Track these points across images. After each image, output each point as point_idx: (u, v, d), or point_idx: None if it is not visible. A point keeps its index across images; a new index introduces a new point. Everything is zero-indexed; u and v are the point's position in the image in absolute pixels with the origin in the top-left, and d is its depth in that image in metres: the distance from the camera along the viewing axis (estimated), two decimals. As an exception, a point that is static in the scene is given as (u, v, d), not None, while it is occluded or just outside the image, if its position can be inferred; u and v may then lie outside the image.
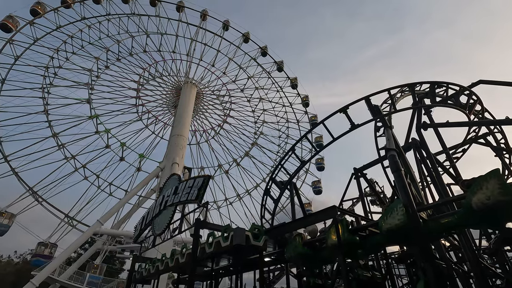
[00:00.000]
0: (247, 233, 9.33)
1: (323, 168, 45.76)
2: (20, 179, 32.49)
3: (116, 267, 43.04)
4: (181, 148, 38.64)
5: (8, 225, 29.03)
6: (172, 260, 12.38)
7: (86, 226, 35.65)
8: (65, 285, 29.29)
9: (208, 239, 10.44)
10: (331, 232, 8.08)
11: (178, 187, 13.55)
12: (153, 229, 14.60)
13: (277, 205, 15.30)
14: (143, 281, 15.90)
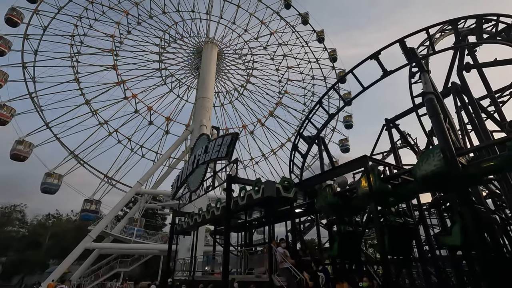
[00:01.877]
0: (278, 186, 9.60)
1: (351, 125, 44.42)
2: (62, 144, 35.34)
3: (159, 223, 47.38)
4: (207, 110, 39.15)
5: (58, 184, 32.51)
6: (208, 213, 13.28)
7: (123, 185, 39.23)
8: (117, 237, 33.05)
9: (240, 193, 10.93)
10: (363, 181, 8.05)
11: (208, 146, 14.00)
12: (188, 186, 15.53)
13: (305, 160, 15.39)
14: (184, 233, 17.43)
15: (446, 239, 7.11)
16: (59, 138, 34.89)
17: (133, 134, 42.33)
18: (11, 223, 46.05)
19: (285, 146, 51.00)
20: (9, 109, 29.46)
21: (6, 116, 28.93)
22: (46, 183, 31.68)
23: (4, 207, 45.58)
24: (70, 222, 46.57)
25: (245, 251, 10.79)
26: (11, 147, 30.32)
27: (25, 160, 30.74)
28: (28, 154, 30.75)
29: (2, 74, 28.55)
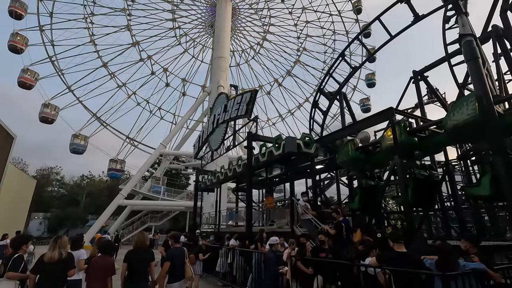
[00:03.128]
0: (298, 141, 9.57)
1: (374, 84, 42.13)
2: (85, 106, 36.67)
3: (183, 182, 49.91)
4: (224, 71, 38.40)
5: (85, 145, 34.50)
6: (230, 171, 13.69)
7: (145, 146, 41.03)
8: (145, 195, 35.44)
9: (260, 150, 11.05)
10: (387, 134, 7.82)
11: (227, 105, 13.95)
12: (210, 145, 15.88)
13: (326, 117, 15.05)
14: (207, 190, 18.29)
15: (473, 190, 6.97)
16: (81, 101, 36.06)
17: (150, 96, 42.99)
18: (50, 184, 50.24)
19: (302, 107, 49.97)
20: (33, 73, 30.33)
21: (30, 80, 29.91)
22: (74, 144, 33.68)
23: (43, 170, 49.48)
24: (102, 182, 50.06)
25: (267, 205, 11.23)
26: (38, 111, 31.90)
27: (52, 122, 32.34)
28: (55, 116, 32.26)
29: (22, 38, 28.91)
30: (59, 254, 4.33)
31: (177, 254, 5.20)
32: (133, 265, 4.73)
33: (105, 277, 4.49)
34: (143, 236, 5.16)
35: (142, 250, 4.89)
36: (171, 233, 6.28)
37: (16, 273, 4.45)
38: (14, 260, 4.52)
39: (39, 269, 4.24)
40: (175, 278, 5.06)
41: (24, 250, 4.72)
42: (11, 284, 4.39)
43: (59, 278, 4.31)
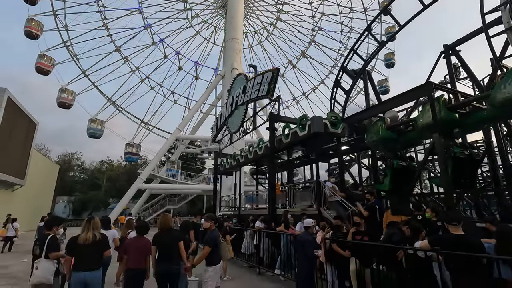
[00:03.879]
0: (325, 121, 9.16)
1: (393, 64, 40.17)
2: (100, 91, 37.03)
3: (199, 166, 50.50)
4: (238, 53, 37.59)
5: (101, 129, 35.16)
6: (250, 153, 13.48)
7: (159, 130, 41.45)
8: (163, 179, 36.12)
9: (283, 131, 10.72)
10: (425, 110, 7.29)
11: (246, 86, 13.54)
12: (228, 128, 15.65)
13: (348, 97, 14.39)
14: (226, 173, 18.29)
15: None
16: (96, 86, 36.38)
17: (163, 80, 42.93)
18: (72, 169, 52.00)
19: (317, 89, 48.74)
20: (49, 59, 30.64)
21: (47, 65, 30.27)
22: (91, 128, 34.39)
23: (64, 155, 51.12)
24: (121, 167, 51.34)
25: (290, 187, 11.02)
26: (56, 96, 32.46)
27: (70, 107, 32.92)
28: (72, 101, 32.80)
29: (37, 23, 29.02)
30: (93, 235, 4.26)
31: (215, 237, 5.03)
32: (162, 247, 4.71)
33: (143, 256, 4.64)
34: (166, 217, 5.06)
35: (168, 232, 4.84)
36: (207, 214, 6.17)
37: (57, 252, 4.46)
38: (50, 240, 4.51)
39: (74, 250, 4.19)
40: (214, 260, 4.91)
41: (55, 231, 4.70)
42: (50, 263, 4.40)
43: (95, 260, 4.26)
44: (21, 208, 24.98)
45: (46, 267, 4.37)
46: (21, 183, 23.02)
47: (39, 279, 4.29)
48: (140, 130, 39.60)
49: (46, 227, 4.75)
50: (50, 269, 4.40)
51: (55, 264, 4.46)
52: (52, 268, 4.40)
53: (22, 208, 25.08)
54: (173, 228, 5.04)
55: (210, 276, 4.82)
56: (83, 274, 4.07)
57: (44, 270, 4.33)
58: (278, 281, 7.69)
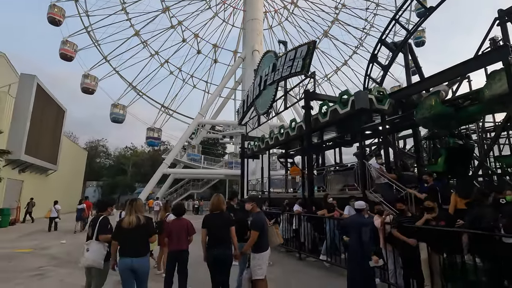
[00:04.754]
0: (370, 96, 8.32)
1: (424, 42, 37.31)
2: (121, 76, 37.41)
3: (220, 151, 50.66)
4: (258, 34, 36.39)
5: (124, 114, 35.75)
6: (282, 135, 12.85)
7: (179, 114, 41.66)
8: (186, 164, 36.46)
9: (320, 109, 9.97)
10: (495, 80, 6.31)
11: (276, 64, 12.77)
12: (256, 109, 15.05)
13: (386, 73, 13.28)
14: (253, 156, 17.83)
15: None
16: (118, 71, 36.70)
17: (182, 64, 42.69)
18: (98, 155, 53.79)
19: (340, 71, 46.70)
20: (72, 45, 31.03)
21: (71, 52, 30.72)
22: (113, 113, 35.04)
23: (91, 142, 52.90)
24: (145, 153, 52.48)
25: (327, 170, 10.38)
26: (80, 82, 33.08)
27: (93, 93, 33.50)
28: (95, 87, 33.35)
29: (60, 9, 29.23)
30: (137, 218, 3.88)
31: (262, 220, 4.58)
32: (213, 230, 4.33)
33: (184, 237, 4.68)
34: (218, 199, 4.64)
35: (219, 214, 4.42)
36: (250, 195, 5.65)
37: (106, 235, 4.14)
38: (101, 221, 4.20)
39: (119, 235, 3.84)
40: (262, 246, 4.44)
41: (109, 212, 4.39)
42: (101, 246, 4.10)
43: (141, 245, 3.90)
44: (55, 192, 26.03)
45: (96, 249, 4.07)
46: (54, 168, 23.84)
47: (89, 262, 4.02)
48: (160, 114, 40.03)
49: (99, 208, 4.47)
50: (101, 252, 4.08)
51: (106, 247, 4.14)
52: (102, 252, 4.09)
53: (55, 191, 26.13)
54: (224, 210, 4.62)
55: (258, 264, 4.36)
56: (130, 260, 3.72)
57: (95, 253, 4.04)
58: (322, 267, 7.23)
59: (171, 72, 42.00)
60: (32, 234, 13.57)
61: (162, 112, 40.19)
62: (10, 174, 18.17)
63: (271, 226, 4.88)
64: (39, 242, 11.19)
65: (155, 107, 40.31)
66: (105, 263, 4.09)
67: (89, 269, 4.10)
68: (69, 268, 7.12)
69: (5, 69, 25.63)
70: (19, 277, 6.26)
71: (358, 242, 4.44)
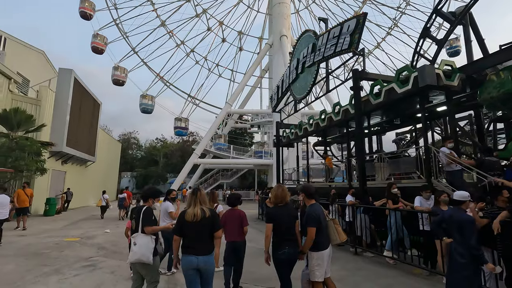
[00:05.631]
0: (438, 71, 7.24)
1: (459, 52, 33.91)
2: (149, 67, 37.90)
3: (247, 141, 50.40)
4: (286, 18, 34.95)
5: (152, 104, 36.34)
6: (323, 120, 11.99)
7: (206, 104, 41.63)
8: (215, 154, 36.56)
9: (372, 89, 8.99)
10: None
11: (317, 43, 11.81)
12: (293, 95, 14.24)
13: (441, 48, 11.84)
14: (288, 144, 17.14)
15: None
16: (145, 62, 37.18)
17: (208, 53, 42.47)
18: (131, 147, 55.78)
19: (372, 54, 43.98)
20: (102, 38, 31.73)
21: (101, 44, 31.45)
22: (143, 104, 35.77)
23: (124, 134, 54.90)
24: (174, 144, 53.61)
25: (380, 157, 9.44)
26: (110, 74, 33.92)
27: (123, 84, 34.26)
28: (125, 78, 34.10)
29: (90, 4, 29.84)
30: (201, 211, 3.38)
31: (318, 213, 3.80)
32: (281, 225, 3.76)
33: (240, 229, 4.58)
34: (283, 189, 4.05)
35: (285, 207, 3.88)
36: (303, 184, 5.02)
37: (153, 226, 3.71)
38: (144, 212, 3.75)
39: (182, 229, 3.36)
40: (320, 244, 3.76)
41: (150, 204, 3.93)
42: (148, 239, 3.67)
43: (207, 240, 3.41)
44: (93, 182, 27.22)
45: (144, 243, 3.62)
46: (93, 160, 24.73)
47: (137, 257, 3.58)
48: (187, 104, 40.36)
49: (143, 199, 4.03)
50: (149, 246, 3.64)
51: (153, 240, 3.71)
52: (150, 245, 3.65)
53: (94, 182, 27.31)
54: (289, 203, 4.02)
55: (317, 264, 3.71)
56: (195, 259, 3.24)
57: (142, 247, 3.60)
58: (384, 264, 6.49)
59: (196, 62, 41.98)
60: (77, 223, 14.02)
61: (189, 102, 40.49)
62: (54, 166, 18.99)
63: (330, 220, 4.16)
64: (84, 231, 11.42)
65: (182, 97, 40.72)
66: (154, 257, 3.67)
67: (138, 264, 3.69)
68: (117, 259, 6.99)
69: (44, 65, 26.76)
70: (73, 268, 6.17)
71: (463, 244, 3.52)
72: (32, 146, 14.28)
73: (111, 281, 5.32)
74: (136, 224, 3.74)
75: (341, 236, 4.09)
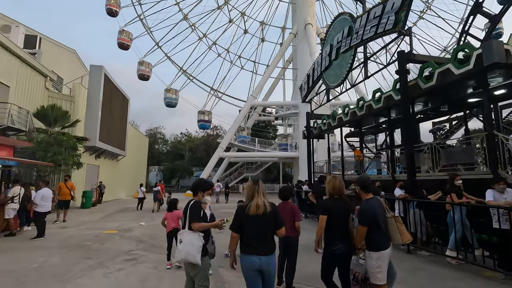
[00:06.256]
0: (507, 47, 6.33)
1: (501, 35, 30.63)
2: (173, 61, 38.20)
3: (271, 134, 49.89)
4: (311, 5, 33.70)
5: (176, 98, 36.72)
6: (361, 109, 11.23)
7: (228, 97, 41.51)
8: (240, 147, 36.43)
9: (422, 72, 8.15)
10: None
11: (354, 26, 11.00)
12: (326, 83, 13.53)
13: (496, 25, 10.63)
14: (319, 136, 16.46)
15: None
16: (169, 56, 37.51)
17: (230, 45, 42.13)
18: (157, 141, 57.17)
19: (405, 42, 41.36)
20: (128, 34, 32.29)
21: (127, 40, 32.05)
22: (167, 98, 36.24)
23: (150, 130, 56.31)
24: (198, 138, 54.26)
25: (432, 146, 8.62)
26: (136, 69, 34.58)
27: (148, 79, 34.82)
28: (149, 73, 34.65)
29: (116, 0, 30.38)
30: (263, 204, 2.99)
31: (373, 209, 3.31)
32: (336, 219, 3.43)
33: (292, 223, 4.26)
34: (340, 181, 3.65)
35: (340, 200, 3.55)
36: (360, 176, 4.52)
37: (200, 223, 3.33)
38: (192, 206, 3.40)
39: (242, 225, 2.98)
40: (379, 243, 3.30)
41: (200, 197, 3.57)
42: (196, 236, 3.27)
43: (270, 238, 3.04)
44: (124, 176, 28.06)
45: (190, 241, 3.23)
46: (123, 154, 25.42)
47: (183, 256, 3.20)
48: (210, 98, 40.44)
49: (192, 192, 3.69)
50: (195, 244, 3.23)
51: (201, 238, 3.30)
52: (197, 243, 3.23)
53: (124, 176, 28.16)
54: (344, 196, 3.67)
55: (378, 266, 3.23)
56: (258, 260, 2.86)
57: (189, 245, 3.20)
58: (445, 264, 5.84)
59: (219, 55, 41.82)
60: (112, 215, 14.36)
61: (212, 95, 40.55)
62: (88, 160, 19.63)
63: (391, 217, 3.62)
64: (121, 223, 11.58)
65: (205, 90, 40.86)
66: (203, 258, 3.24)
67: (186, 264, 3.33)
68: (157, 253, 6.87)
69: (76, 64, 27.69)
70: (115, 261, 6.10)
71: None
72: (69, 141, 14.73)
73: (155, 277, 5.13)
74: (185, 219, 3.42)
75: (404, 236, 3.54)
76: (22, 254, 6.74)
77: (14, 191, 8.89)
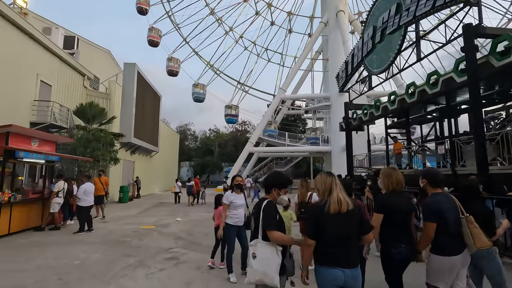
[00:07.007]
0: None
1: None
2: (200, 56, 38.22)
3: (300, 128, 48.68)
4: (342, -9, 31.82)
5: (204, 93, 36.75)
6: (412, 95, 10.05)
7: (255, 90, 40.97)
8: (269, 142, 35.77)
9: (495, 47, 6.93)
10: None
11: (403, 3, 9.81)
12: (369, 69, 12.41)
13: None
14: (358, 128, 15.33)
15: None
16: (197, 52, 37.62)
17: (257, 38, 41.40)
18: (187, 138, 58.32)
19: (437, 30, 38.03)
20: (157, 31, 32.74)
21: (157, 37, 32.49)
22: (195, 93, 36.40)
23: (180, 126, 57.58)
24: (227, 134, 54.52)
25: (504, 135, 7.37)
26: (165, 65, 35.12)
27: (177, 75, 35.13)
28: (178, 69, 34.93)
29: (145, -1, 30.95)
30: (346, 201, 2.33)
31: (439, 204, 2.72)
32: (396, 216, 2.88)
33: None
34: (398, 172, 3.10)
35: (401, 195, 3.04)
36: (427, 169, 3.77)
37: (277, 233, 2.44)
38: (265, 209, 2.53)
39: (320, 229, 2.32)
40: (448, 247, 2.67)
41: (275, 196, 2.81)
42: (272, 250, 2.45)
43: (354, 245, 2.37)
44: (157, 171, 28.66)
45: (267, 257, 2.44)
46: (156, 150, 25.89)
47: (260, 277, 2.41)
48: (236, 92, 40.13)
49: (264, 189, 2.91)
50: (275, 261, 2.45)
51: (279, 252, 2.47)
52: (276, 260, 2.45)
53: (157, 171, 28.77)
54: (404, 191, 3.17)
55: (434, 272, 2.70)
56: (341, 273, 2.22)
57: (266, 262, 2.43)
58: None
59: (245, 48, 41.26)
60: (148, 210, 14.45)
61: (238, 89, 40.22)
62: (124, 156, 20.11)
63: (463, 217, 2.80)
64: (157, 218, 11.51)
65: (232, 84, 40.59)
66: (281, 277, 2.45)
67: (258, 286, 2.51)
68: (198, 251, 6.51)
69: (111, 63, 28.61)
70: (156, 260, 5.78)
71: None
72: (106, 137, 15.02)
73: (200, 280, 4.69)
74: (256, 224, 2.58)
75: (479, 241, 2.69)
76: (64, 249, 6.68)
77: (58, 185, 9.03)
